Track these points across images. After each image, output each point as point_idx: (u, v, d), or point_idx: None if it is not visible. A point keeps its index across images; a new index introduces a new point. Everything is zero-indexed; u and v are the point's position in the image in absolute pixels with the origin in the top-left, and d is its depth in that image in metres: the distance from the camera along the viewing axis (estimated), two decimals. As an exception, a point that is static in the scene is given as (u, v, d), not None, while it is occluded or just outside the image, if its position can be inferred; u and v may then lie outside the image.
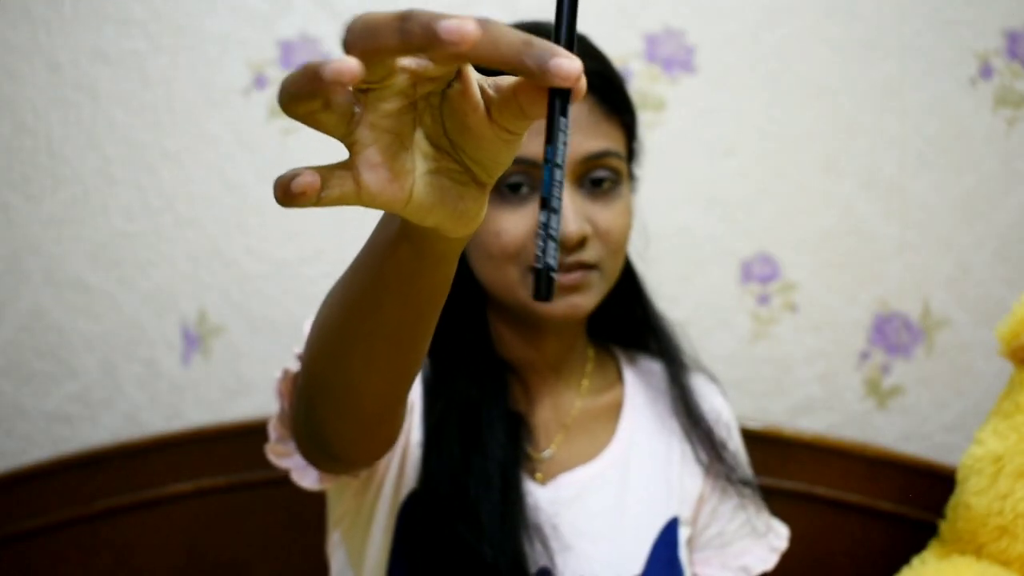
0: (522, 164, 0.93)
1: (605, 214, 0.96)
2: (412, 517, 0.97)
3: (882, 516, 1.49)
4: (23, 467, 1.46)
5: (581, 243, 0.95)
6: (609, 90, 0.97)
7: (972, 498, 1.35)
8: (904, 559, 1.43)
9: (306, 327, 0.89)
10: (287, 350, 1.58)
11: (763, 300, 1.63)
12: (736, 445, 1.15)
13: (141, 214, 1.56)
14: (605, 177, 0.97)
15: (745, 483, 1.10)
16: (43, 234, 1.55)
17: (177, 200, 1.57)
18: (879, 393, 1.65)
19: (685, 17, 1.60)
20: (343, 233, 1.58)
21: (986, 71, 1.62)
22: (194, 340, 1.58)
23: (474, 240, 0.97)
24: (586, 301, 0.97)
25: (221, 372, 1.58)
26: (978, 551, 1.35)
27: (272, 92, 1.57)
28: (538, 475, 1.02)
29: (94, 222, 1.56)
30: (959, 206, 1.63)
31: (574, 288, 0.96)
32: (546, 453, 1.03)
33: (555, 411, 1.06)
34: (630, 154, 1.03)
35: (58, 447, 1.55)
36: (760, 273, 1.62)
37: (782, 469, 1.49)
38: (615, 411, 1.09)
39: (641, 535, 1.03)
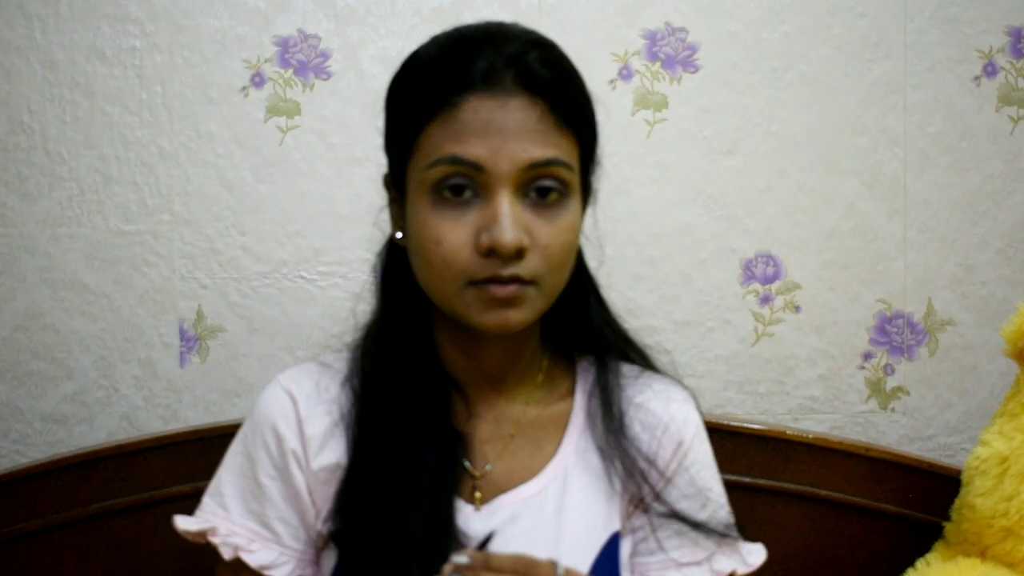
0: (463, 165, 0.90)
1: (547, 228, 0.93)
2: (346, 538, 0.97)
3: (885, 517, 1.48)
4: (19, 468, 1.45)
5: (518, 254, 0.91)
6: (563, 99, 0.93)
7: (977, 499, 1.34)
8: (907, 561, 1.42)
9: None
10: (285, 350, 1.57)
11: (765, 300, 1.62)
12: (688, 464, 1.05)
13: (138, 213, 1.55)
14: (551, 187, 0.93)
15: (679, 517, 1.02)
16: (39, 233, 1.54)
17: (174, 199, 1.56)
18: (882, 394, 1.64)
19: (686, 15, 1.59)
20: (341, 233, 1.57)
21: (990, 69, 1.62)
22: (191, 340, 1.57)
23: (415, 244, 0.95)
24: (519, 316, 0.94)
25: (219, 373, 1.57)
26: (983, 553, 1.34)
27: (270, 90, 1.56)
28: (477, 495, 1.00)
29: (91, 221, 1.55)
30: (963, 205, 1.63)
31: (508, 302, 0.93)
32: (487, 467, 1.01)
33: (498, 424, 1.03)
34: (585, 167, 0.99)
35: (54, 448, 1.54)
36: (762, 273, 1.62)
37: (784, 470, 1.48)
38: (563, 421, 1.06)
39: (580, 553, 1.00)
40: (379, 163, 1.55)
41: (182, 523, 1.02)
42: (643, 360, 1.10)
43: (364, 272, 1.56)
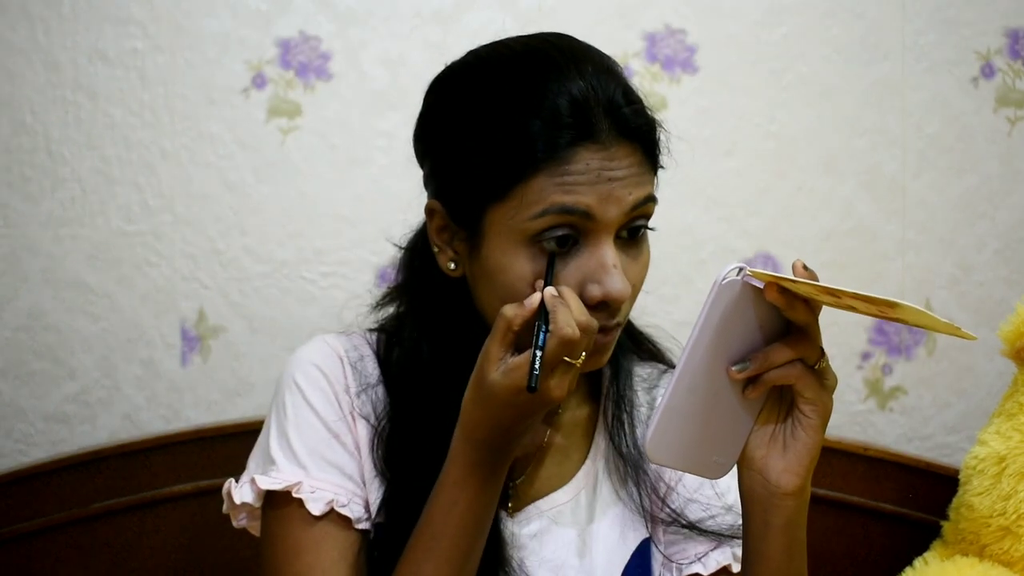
0: (574, 215, 0.88)
1: (635, 267, 0.94)
2: (378, 546, 0.97)
3: (883, 517, 1.48)
4: (21, 468, 1.45)
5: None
6: (652, 143, 0.94)
7: (975, 499, 1.35)
8: (905, 560, 1.43)
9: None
10: (287, 351, 1.57)
11: (764, 300, 1.62)
12: None
13: (140, 214, 1.56)
14: (642, 225, 0.94)
15: (692, 527, 1.03)
16: (42, 234, 1.55)
17: (176, 200, 1.56)
18: (880, 393, 1.64)
19: (685, 16, 1.60)
20: (342, 234, 1.58)
21: (988, 70, 1.62)
22: (193, 340, 1.57)
23: (504, 291, 0.91)
24: (608, 356, 0.95)
25: (220, 372, 1.57)
26: (981, 552, 1.35)
27: (271, 91, 1.57)
28: (510, 504, 1.01)
29: (93, 222, 1.55)
30: (960, 206, 1.63)
31: (604, 348, 0.93)
32: (520, 479, 1.02)
33: (532, 433, 1.01)
34: None
35: (56, 448, 1.55)
36: (761, 273, 1.62)
37: (783, 470, 1.48)
38: (589, 427, 1.06)
39: (612, 559, 1.01)
40: (380, 164, 1.57)
41: (264, 483, 0.97)
42: (657, 354, 1.11)
43: (365, 272, 1.57)
